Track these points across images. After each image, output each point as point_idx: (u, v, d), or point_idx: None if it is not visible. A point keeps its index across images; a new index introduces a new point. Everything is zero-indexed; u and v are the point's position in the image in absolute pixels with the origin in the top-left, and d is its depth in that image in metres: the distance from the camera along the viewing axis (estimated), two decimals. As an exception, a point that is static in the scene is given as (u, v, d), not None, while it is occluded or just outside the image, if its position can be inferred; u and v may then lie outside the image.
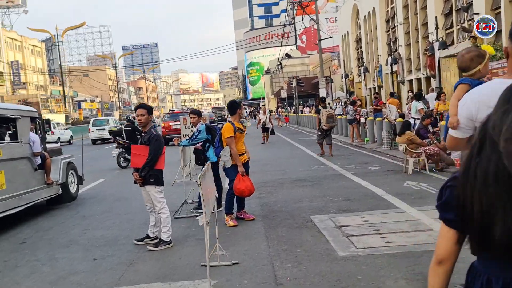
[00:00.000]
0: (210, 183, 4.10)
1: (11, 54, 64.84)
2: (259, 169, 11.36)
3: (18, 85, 64.86)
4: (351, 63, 49.75)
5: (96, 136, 28.65)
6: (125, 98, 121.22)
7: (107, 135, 26.58)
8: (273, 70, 72.49)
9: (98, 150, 23.08)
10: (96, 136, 28.57)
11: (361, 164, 11.03)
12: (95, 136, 28.62)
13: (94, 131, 28.79)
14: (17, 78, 64.32)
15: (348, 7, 50.94)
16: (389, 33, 38.16)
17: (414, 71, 31.94)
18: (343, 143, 17.00)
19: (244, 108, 69.44)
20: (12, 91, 64.84)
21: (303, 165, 11.55)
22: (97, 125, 29.26)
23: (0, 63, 61.27)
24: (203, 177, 3.55)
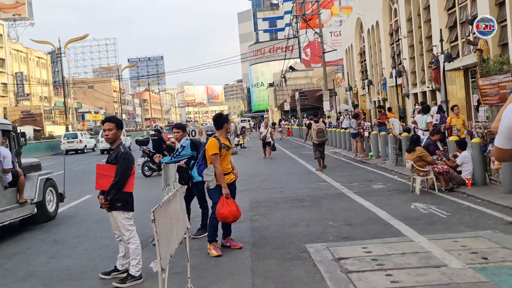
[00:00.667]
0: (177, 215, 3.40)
1: (16, 66, 64.85)
2: (256, 186, 10.64)
3: (21, 97, 64.69)
4: (355, 76, 49.17)
5: (105, 147, 30.99)
6: (129, 110, 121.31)
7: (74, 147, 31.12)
8: (277, 83, 72.08)
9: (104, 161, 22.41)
10: (105, 146, 31.00)
11: (364, 181, 10.28)
12: (103, 146, 31.17)
13: (103, 142, 31.26)
14: (21, 89, 64.20)
15: (352, 21, 50.56)
16: (393, 46, 37.61)
17: (419, 84, 31.26)
18: (346, 158, 16.28)
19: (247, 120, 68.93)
20: (16, 102, 64.68)
21: (303, 182, 10.82)
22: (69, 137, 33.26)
23: (4, 75, 61.22)
24: (161, 210, 2.84)
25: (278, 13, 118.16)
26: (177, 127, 6.27)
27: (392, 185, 9.62)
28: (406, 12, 32.23)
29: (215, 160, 5.26)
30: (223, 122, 5.48)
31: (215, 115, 5.68)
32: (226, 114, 5.68)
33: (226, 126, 5.49)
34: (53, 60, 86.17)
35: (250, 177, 12.42)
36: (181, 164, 6.09)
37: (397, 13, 35.76)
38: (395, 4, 35.96)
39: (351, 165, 14.02)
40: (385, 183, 9.83)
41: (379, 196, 8.30)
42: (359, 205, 7.65)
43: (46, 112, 69.33)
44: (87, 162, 23.37)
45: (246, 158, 19.39)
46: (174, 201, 3.36)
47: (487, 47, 21.61)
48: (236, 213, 5.21)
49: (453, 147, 9.27)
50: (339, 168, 13.32)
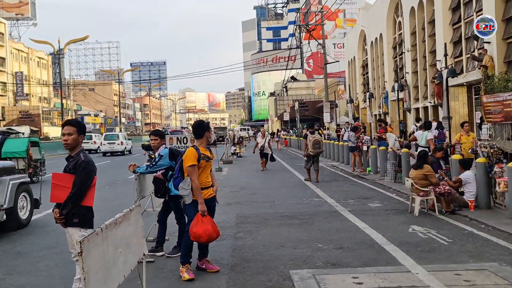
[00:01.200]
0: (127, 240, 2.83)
1: (16, 65, 64.51)
2: (246, 199, 10.08)
3: (20, 96, 64.28)
4: (356, 88, 48.78)
5: (107, 149, 32.04)
6: (130, 114, 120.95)
7: (117, 148, 31.65)
8: (278, 93, 71.73)
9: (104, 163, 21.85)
10: (107, 149, 31.99)
11: (360, 199, 9.72)
12: (105, 149, 32.08)
13: (105, 145, 32.41)
14: (20, 89, 63.81)
15: (355, 33, 50.29)
16: (396, 60, 37.22)
17: (421, 99, 30.80)
18: (343, 172, 15.72)
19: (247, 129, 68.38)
20: (14, 102, 64.25)
21: (296, 197, 10.26)
22: (108, 139, 33.27)
23: (4, 74, 60.86)
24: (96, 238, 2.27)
25: (282, 23, 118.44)
26: (155, 134, 5.72)
27: (389, 204, 9.05)
28: (411, 25, 31.87)
29: (193, 172, 4.72)
30: (203, 130, 4.95)
31: (194, 122, 5.13)
32: (207, 122, 5.14)
33: (207, 135, 4.96)
34: (54, 61, 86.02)
35: (241, 189, 11.87)
36: (157, 175, 5.54)
37: (401, 27, 35.41)
38: (399, 17, 35.64)
39: (347, 180, 13.46)
40: (382, 202, 9.27)
41: (375, 216, 7.74)
42: (353, 225, 7.08)
43: (45, 113, 68.90)
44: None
45: (241, 168, 18.83)
46: (125, 223, 2.79)
47: (492, 63, 21.16)
48: (211, 232, 4.65)
49: (456, 166, 8.73)
50: (335, 183, 12.76)
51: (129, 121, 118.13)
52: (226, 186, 12.69)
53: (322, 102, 50.45)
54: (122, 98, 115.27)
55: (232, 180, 14.05)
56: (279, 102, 65.76)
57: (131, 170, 5.54)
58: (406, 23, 32.68)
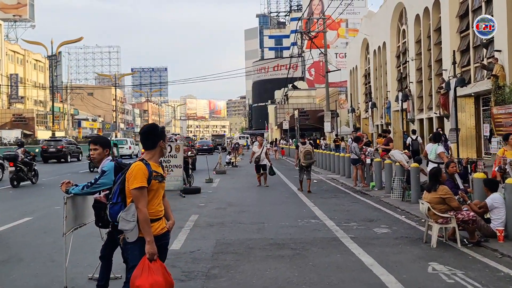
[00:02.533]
0: None
1: (11, 67, 63.38)
2: (231, 219, 8.71)
3: (15, 99, 63.08)
4: (358, 98, 47.56)
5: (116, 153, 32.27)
6: (129, 120, 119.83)
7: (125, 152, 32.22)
8: (279, 101, 70.51)
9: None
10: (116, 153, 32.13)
11: (364, 221, 8.34)
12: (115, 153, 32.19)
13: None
14: (15, 91, 62.59)
15: (358, 41, 49.17)
16: (399, 69, 36.01)
17: (425, 110, 29.53)
18: (344, 186, 14.35)
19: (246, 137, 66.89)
20: (8, 105, 63.01)
21: (290, 217, 8.88)
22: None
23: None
24: None
25: (284, 31, 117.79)
26: (95, 142, 4.28)
27: (399, 229, 7.68)
28: (415, 33, 30.68)
29: (140, 197, 3.34)
30: (157, 138, 3.55)
31: (143, 127, 3.71)
32: (161, 127, 3.73)
33: (161, 145, 3.57)
34: (51, 64, 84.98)
35: (229, 205, 10.50)
36: (99, 198, 4.14)
37: (405, 35, 34.23)
38: (403, 26, 34.47)
39: (349, 196, 12.08)
40: (390, 226, 7.89)
41: (384, 247, 6.35)
42: (357, 260, 5.70)
43: (40, 117, 67.69)
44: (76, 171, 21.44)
45: (234, 179, 17.45)
46: None
47: (503, 73, 19.88)
48: (162, 284, 3.27)
49: (479, 186, 7.36)
50: (335, 200, 11.39)
51: (128, 126, 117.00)
52: (213, 201, 11.32)
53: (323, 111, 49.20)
54: (122, 104, 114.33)
55: (221, 194, 12.68)
56: (279, 110, 64.52)
57: (63, 189, 4.16)
58: (410, 31, 31.50)
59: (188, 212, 9.49)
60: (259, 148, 14.89)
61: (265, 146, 15.30)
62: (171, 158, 12.02)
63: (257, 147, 15.10)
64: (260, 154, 14.64)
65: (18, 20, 70.59)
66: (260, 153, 14.66)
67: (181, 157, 12.18)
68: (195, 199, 11.70)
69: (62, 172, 20.92)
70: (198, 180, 15.66)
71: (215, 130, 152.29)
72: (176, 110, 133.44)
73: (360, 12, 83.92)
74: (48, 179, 17.27)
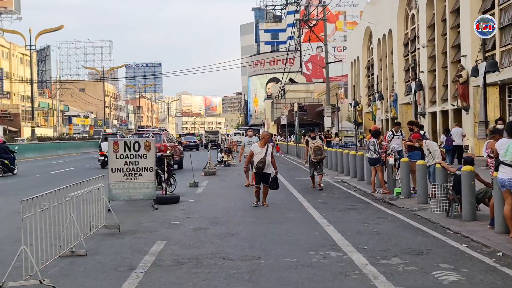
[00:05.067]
0: None
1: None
2: (211, 250, 5.91)
3: (0, 94, 59.94)
4: (360, 91, 44.76)
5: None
6: (122, 116, 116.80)
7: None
8: (275, 95, 67.65)
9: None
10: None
11: (410, 255, 5.58)
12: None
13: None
14: (0, 86, 59.45)
15: (359, 30, 46.33)
16: (407, 58, 33.24)
17: (438, 102, 26.75)
18: (359, 192, 11.57)
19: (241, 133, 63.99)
20: (-8, 100, 59.92)
21: (297, 246, 6.11)
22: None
23: (-20, 70, 56.54)
24: None
25: (280, 25, 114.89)
26: None
27: (473, 272, 4.89)
28: (427, 17, 27.86)
29: None
30: None
31: None
32: None
33: None
34: (41, 59, 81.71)
35: (212, 224, 7.71)
36: None
37: (414, 20, 31.43)
38: (413, 10, 31.64)
39: (371, 208, 9.31)
40: (455, 266, 5.11)
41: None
42: None
43: (27, 113, 64.65)
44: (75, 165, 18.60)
45: (224, 182, 14.64)
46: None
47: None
48: None
49: None
50: (355, 213, 8.62)
51: (122, 123, 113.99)
52: (192, 215, 8.53)
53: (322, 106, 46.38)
54: (115, 100, 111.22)
55: (205, 204, 9.89)
56: (276, 105, 61.68)
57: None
58: (422, 15, 28.68)
59: (152, 237, 6.71)
60: (261, 148, 9.55)
61: (270, 145, 9.75)
62: (140, 158, 9.21)
63: (258, 145, 9.74)
64: (264, 157, 9.41)
65: (4, 12, 67.37)
66: (264, 156, 9.41)
67: (153, 157, 9.36)
68: (170, 212, 8.92)
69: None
70: (181, 183, 12.87)
71: (211, 127, 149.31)
72: (170, 106, 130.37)
73: (358, 5, 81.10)
74: None
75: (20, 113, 59.21)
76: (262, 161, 9.35)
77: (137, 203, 9.79)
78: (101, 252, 5.84)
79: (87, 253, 5.65)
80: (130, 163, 9.26)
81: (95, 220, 6.75)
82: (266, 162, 9.38)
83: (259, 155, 9.44)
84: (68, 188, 5.72)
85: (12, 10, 67.31)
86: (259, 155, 9.45)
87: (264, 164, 9.36)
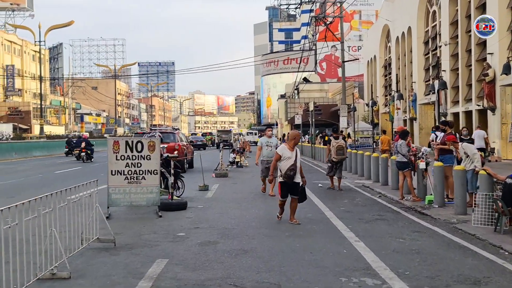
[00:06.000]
0: None
1: (8, 58, 60.09)
2: (220, 274, 4.92)
3: (11, 92, 59.82)
4: (377, 91, 43.44)
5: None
6: (134, 115, 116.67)
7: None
8: (289, 95, 66.52)
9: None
10: None
11: (463, 283, 4.58)
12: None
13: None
14: (11, 83, 59.30)
15: (377, 29, 45.03)
16: (427, 57, 31.93)
17: (461, 102, 25.45)
18: (386, 200, 10.48)
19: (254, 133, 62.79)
20: (4, 98, 59.77)
21: (324, 269, 5.09)
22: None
23: (-8, 67, 56.45)
24: None
25: (294, 24, 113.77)
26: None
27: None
28: (450, 14, 26.56)
29: None
30: None
31: None
32: None
33: None
34: (53, 56, 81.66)
35: (222, 237, 6.72)
36: None
37: (435, 17, 30.13)
38: (434, 6, 30.32)
39: (402, 218, 8.24)
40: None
41: None
42: None
43: (38, 110, 64.49)
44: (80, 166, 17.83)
45: (236, 185, 13.65)
46: None
47: None
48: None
49: None
50: (385, 225, 7.57)
51: (134, 121, 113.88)
52: (200, 225, 7.55)
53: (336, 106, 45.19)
54: (127, 98, 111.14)
55: (215, 212, 8.91)
56: (290, 105, 60.57)
57: None
58: (444, 12, 27.38)
59: (152, 253, 5.74)
60: (290, 151, 7.63)
61: (298, 152, 7.73)
62: (142, 160, 8.26)
63: (286, 148, 7.69)
64: (295, 163, 7.56)
65: (16, 9, 67.30)
66: (295, 161, 7.56)
67: (157, 159, 8.41)
68: (175, 220, 7.96)
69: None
70: (190, 186, 11.93)
71: (223, 126, 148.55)
72: (182, 105, 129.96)
73: (374, 4, 79.54)
74: None
75: (31, 110, 58.98)
76: (292, 168, 7.48)
77: (139, 210, 8.85)
78: (88, 274, 4.88)
79: (71, 275, 4.69)
80: (132, 165, 8.31)
81: (87, 232, 5.81)
82: (297, 169, 7.56)
83: (288, 161, 7.53)
84: (53, 195, 4.78)
85: (24, 7, 67.22)
86: (288, 160, 7.53)
87: (295, 171, 7.50)
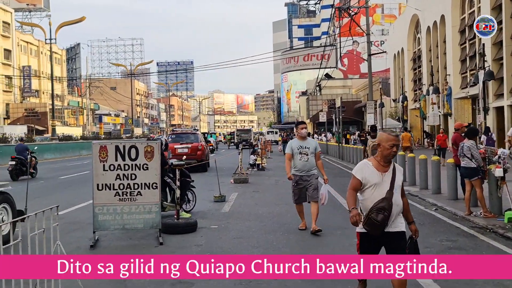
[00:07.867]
0: None
1: (24, 59, 59.42)
2: None
3: (28, 93, 59.08)
4: (405, 86, 40.83)
5: None
6: (153, 115, 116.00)
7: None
8: (311, 92, 64.18)
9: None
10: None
11: None
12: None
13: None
14: (28, 85, 58.59)
15: (405, 20, 42.37)
16: (464, 47, 29.32)
17: (507, 95, 22.88)
18: (447, 215, 8.30)
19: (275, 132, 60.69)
20: (21, 99, 59.12)
21: None
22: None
23: (9, 68, 55.78)
24: None
25: (314, 20, 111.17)
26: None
27: None
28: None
29: None
30: None
31: None
32: None
33: None
34: (71, 57, 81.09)
35: (241, 282, 4.69)
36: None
37: (473, 2, 27.52)
38: (472, -9, 27.73)
39: (483, 246, 6.09)
40: None
41: None
42: None
43: (55, 112, 63.72)
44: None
45: (258, 194, 11.63)
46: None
47: None
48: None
49: None
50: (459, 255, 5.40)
51: (153, 121, 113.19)
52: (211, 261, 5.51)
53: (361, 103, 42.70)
54: (146, 98, 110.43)
55: (231, 237, 6.90)
56: (311, 102, 58.28)
57: None
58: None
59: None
60: (379, 171, 3.73)
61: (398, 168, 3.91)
62: (137, 170, 6.31)
63: (370, 165, 3.80)
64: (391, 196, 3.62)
65: (33, 10, 66.73)
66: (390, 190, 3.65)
67: (157, 168, 6.44)
68: (179, 249, 6.00)
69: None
70: (204, 195, 9.99)
71: (243, 125, 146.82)
72: (201, 104, 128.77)
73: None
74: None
75: (48, 111, 58.19)
76: (383, 207, 3.58)
77: (135, 234, 6.91)
78: None
79: None
80: (125, 177, 6.36)
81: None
82: (393, 208, 3.61)
83: (376, 190, 3.69)
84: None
85: (41, 7, 66.60)
86: (376, 188, 3.69)
87: (390, 212, 3.59)
